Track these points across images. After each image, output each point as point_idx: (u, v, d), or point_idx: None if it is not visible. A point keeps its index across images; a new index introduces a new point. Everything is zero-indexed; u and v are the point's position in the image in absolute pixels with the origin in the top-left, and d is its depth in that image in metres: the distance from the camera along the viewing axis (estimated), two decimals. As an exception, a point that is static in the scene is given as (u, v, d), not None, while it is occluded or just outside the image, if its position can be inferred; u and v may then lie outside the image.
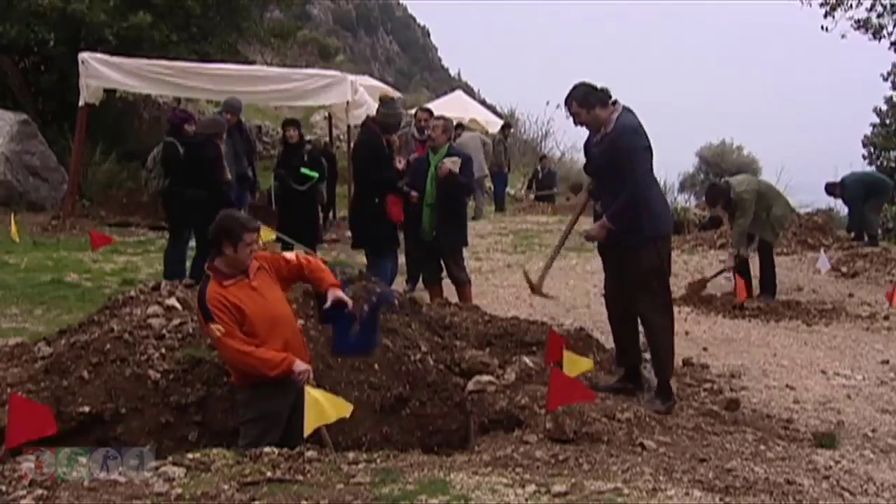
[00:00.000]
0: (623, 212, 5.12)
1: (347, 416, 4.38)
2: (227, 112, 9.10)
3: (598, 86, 5.22)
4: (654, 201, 5.27)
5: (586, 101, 5.17)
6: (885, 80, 18.33)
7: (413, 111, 10.62)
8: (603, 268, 5.69)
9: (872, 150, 19.21)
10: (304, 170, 9.42)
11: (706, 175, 28.20)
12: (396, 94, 10.45)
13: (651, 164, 5.29)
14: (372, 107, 13.22)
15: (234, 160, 8.92)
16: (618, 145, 5.11)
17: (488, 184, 19.04)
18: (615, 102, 5.21)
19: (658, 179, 5.81)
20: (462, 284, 7.84)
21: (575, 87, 5.23)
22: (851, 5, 16.40)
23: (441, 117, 8.39)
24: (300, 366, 4.38)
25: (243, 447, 4.37)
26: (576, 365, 4.93)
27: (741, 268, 8.93)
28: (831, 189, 12.56)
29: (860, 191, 12.18)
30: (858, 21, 16.73)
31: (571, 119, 5.29)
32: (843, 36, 16.92)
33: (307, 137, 10.80)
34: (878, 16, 16.62)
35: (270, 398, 4.44)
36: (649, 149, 5.21)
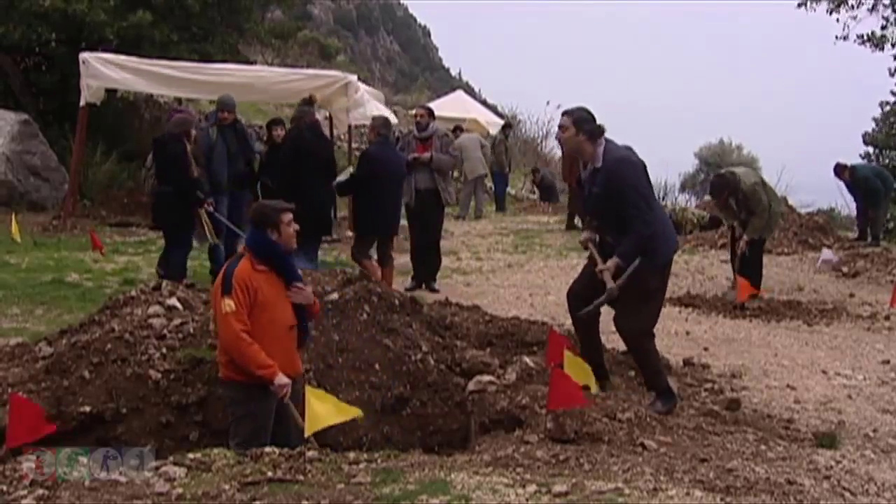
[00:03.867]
0: (634, 251, 5.02)
1: (357, 416, 4.44)
2: (223, 110, 9.02)
3: (598, 121, 5.16)
4: (660, 230, 5.18)
5: (579, 123, 5.11)
6: (892, 75, 18.08)
7: (413, 111, 10.70)
8: (585, 267, 5.52)
9: (874, 148, 19.07)
10: None
11: (706, 175, 28.13)
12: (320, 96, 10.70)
13: (651, 187, 5.25)
14: (372, 107, 13.24)
15: (229, 159, 8.87)
16: (614, 180, 5.03)
17: (489, 183, 19.06)
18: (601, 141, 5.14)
19: (657, 187, 5.71)
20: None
21: (578, 108, 5.21)
22: (853, 5, 16.33)
23: (374, 118, 9.15)
24: (281, 380, 4.39)
25: (234, 447, 4.39)
26: (577, 369, 4.91)
27: (743, 267, 8.94)
28: (840, 170, 12.36)
29: (878, 183, 12.20)
30: (863, 36, 16.69)
31: (558, 130, 5.28)
32: (844, 38, 16.86)
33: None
34: (882, 27, 16.56)
35: (256, 398, 4.45)
36: (645, 172, 5.15)
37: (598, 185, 5.14)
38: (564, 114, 5.21)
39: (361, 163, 8.54)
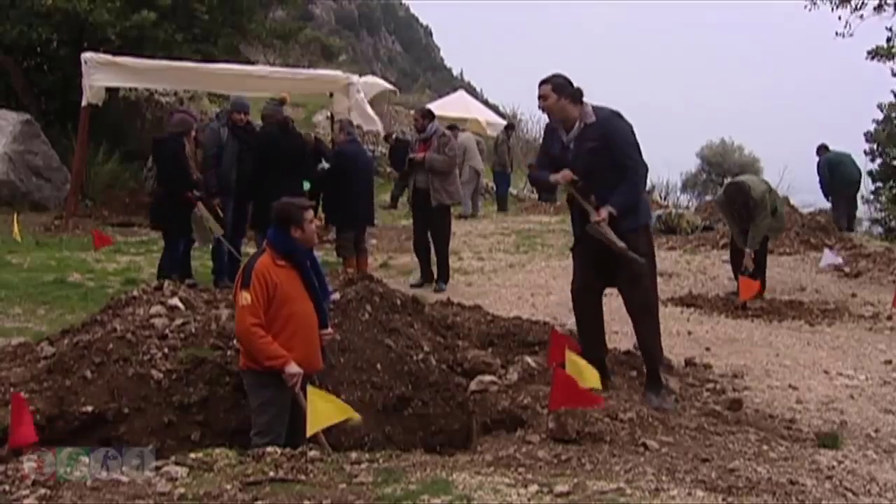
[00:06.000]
0: (630, 196, 5.09)
1: (355, 419, 4.50)
2: (238, 112, 9.04)
3: (575, 84, 5.23)
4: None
5: (559, 89, 5.17)
6: (895, 74, 18.03)
7: (412, 111, 10.87)
8: (577, 262, 5.53)
9: (876, 146, 19.06)
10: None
11: (708, 175, 28.11)
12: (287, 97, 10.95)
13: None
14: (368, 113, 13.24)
15: (239, 161, 8.87)
16: (612, 132, 5.10)
17: (490, 183, 19.04)
18: (584, 103, 5.21)
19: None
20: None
21: (553, 75, 5.27)
22: (857, 6, 16.25)
23: (340, 118, 10.14)
24: (292, 368, 4.48)
25: (254, 435, 4.52)
26: (580, 370, 4.90)
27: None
28: (819, 151, 13.89)
29: (825, 173, 13.54)
30: (871, 51, 16.67)
31: (538, 101, 5.28)
32: (844, 35, 16.77)
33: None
34: (888, 39, 16.50)
35: (271, 386, 4.55)
36: (634, 133, 5.24)
37: (591, 139, 5.15)
38: (541, 83, 5.23)
39: (332, 160, 9.40)
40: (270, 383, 4.54)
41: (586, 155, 5.18)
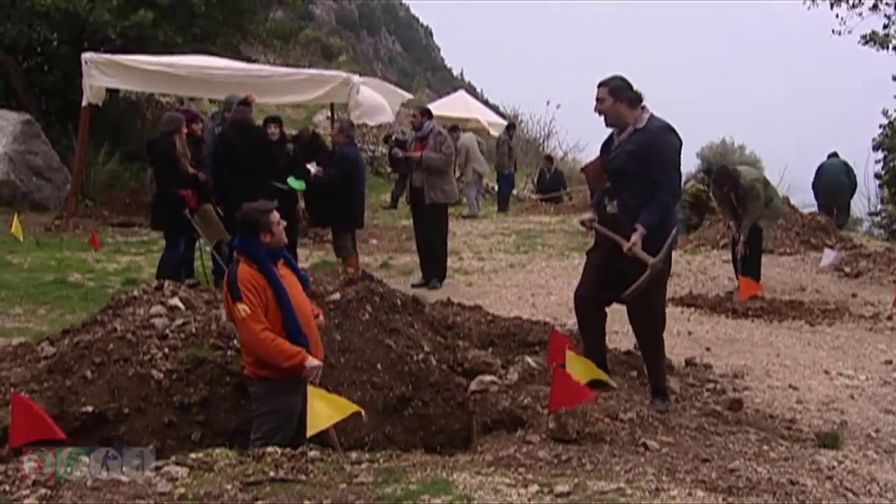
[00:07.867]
0: (661, 212, 4.98)
1: (355, 411, 4.46)
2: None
3: (635, 87, 5.13)
4: (674, 213, 5.23)
5: (617, 91, 5.07)
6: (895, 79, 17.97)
7: (411, 111, 10.95)
8: (586, 268, 5.50)
9: (881, 151, 19.00)
10: (291, 180, 8.96)
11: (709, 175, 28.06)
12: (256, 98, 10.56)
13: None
14: (375, 107, 13.25)
15: None
16: (656, 143, 4.99)
17: (491, 183, 19.04)
18: (643, 108, 5.13)
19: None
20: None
21: (613, 76, 5.17)
22: (854, 3, 16.21)
23: (339, 119, 10.17)
24: (312, 362, 4.47)
25: (255, 441, 4.46)
26: (581, 367, 4.89)
27: (744, 266, 8.97)
28: (829, 157, 15.40)
29: (815, 175, 15.02)
30: (866, 35, 16.60)
31: (595, 103, 5.18)
32: (840, 33, 16.72)
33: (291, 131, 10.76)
34: (885, 27, 16.46)
35: (283, 393, 4.52)
36: (680, 151, 5.15)
37: (634, 142, 5.05)
38: (600, 85, 5.14)
39: (336, 164, 9.00)
40: (282, 390, 4.49)
41: (624, 156, 5.11)
